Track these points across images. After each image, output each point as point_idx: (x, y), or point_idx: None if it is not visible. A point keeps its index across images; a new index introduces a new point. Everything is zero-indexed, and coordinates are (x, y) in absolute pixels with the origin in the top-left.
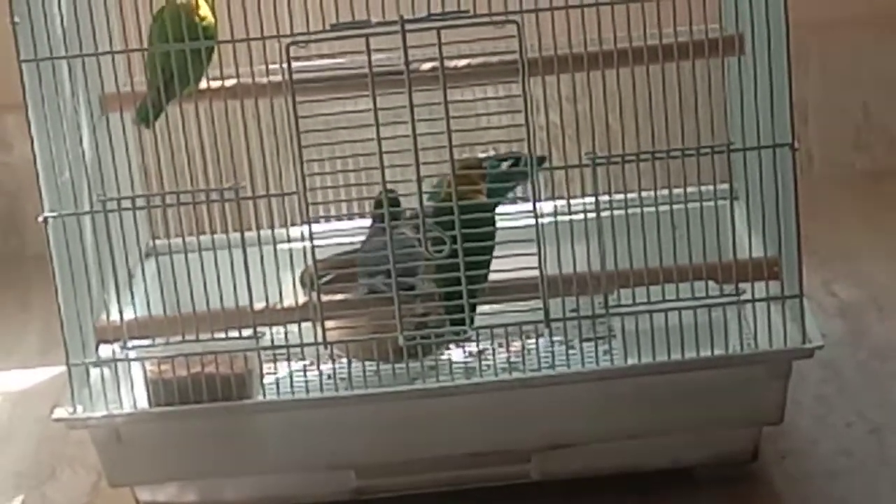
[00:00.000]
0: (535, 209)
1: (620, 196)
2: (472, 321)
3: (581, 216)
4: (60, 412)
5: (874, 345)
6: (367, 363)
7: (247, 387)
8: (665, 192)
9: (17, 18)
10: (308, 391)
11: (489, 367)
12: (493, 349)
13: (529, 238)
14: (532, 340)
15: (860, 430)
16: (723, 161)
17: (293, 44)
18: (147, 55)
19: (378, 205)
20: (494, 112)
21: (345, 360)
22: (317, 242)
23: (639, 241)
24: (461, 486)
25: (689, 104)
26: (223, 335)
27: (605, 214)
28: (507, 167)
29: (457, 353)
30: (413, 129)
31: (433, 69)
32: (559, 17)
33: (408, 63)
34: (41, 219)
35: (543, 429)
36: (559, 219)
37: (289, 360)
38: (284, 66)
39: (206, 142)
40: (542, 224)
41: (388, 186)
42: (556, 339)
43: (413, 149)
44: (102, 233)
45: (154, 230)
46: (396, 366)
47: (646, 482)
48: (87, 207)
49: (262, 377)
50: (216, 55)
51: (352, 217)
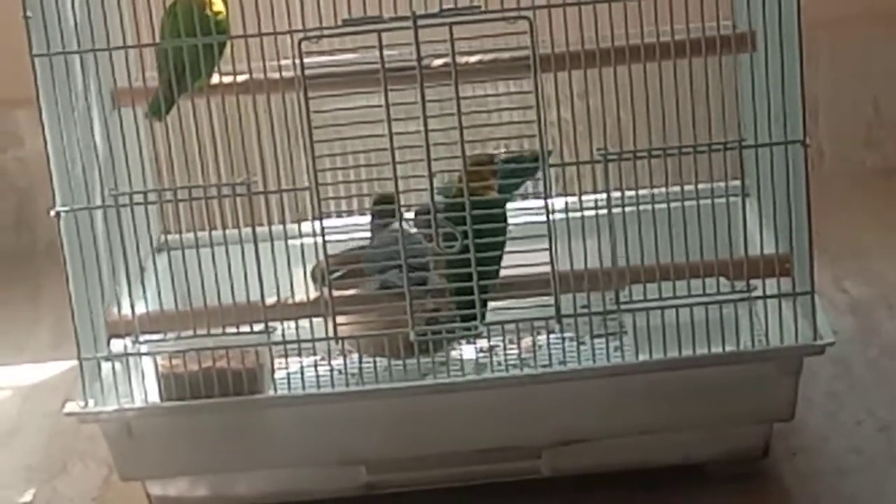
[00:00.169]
0: (547, 205)
1: (632, 192)
2: (484, 317)
3: (592, 212)
4: (72, 406)
5: (885, 342)
6: (379, 358)
7: (258, 382)
8: (676, 189)
9: (30, 13)
10: (319, 386)
11: (500, 363)
12: (504, 345)
13: (541, 234)
14: (543, 336)
15: (870, 428)
16: (734, 158)
17: (305, 39)
18: (159, 49)
19: (376, 202)
20: (506, 108)
21: (356, 356)
22: (328, 238)
23: (650, 238)
24: (472, 482)
25: (701, 101)
26: (234, 330)
27: (617, 211)
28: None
29: (468, 349)
30: (424, 125)
31: (445, 65)
32: (571, 14)
33: (420, 59)
34: (53, 213)
35: (554, 425)
36: (570, 215)
37: (300, 355)
38: (296, 62)
39: (218, 136)
40: (554, 220)
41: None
42: (568, 336)
43: (424, 144)
44: (114, 227)
45: (165, 225)
46: (407, 361)
47: (656, 478)
48: (99, 202)
49: (274, 372)
50: (228, 50)
51: (363, 212)
